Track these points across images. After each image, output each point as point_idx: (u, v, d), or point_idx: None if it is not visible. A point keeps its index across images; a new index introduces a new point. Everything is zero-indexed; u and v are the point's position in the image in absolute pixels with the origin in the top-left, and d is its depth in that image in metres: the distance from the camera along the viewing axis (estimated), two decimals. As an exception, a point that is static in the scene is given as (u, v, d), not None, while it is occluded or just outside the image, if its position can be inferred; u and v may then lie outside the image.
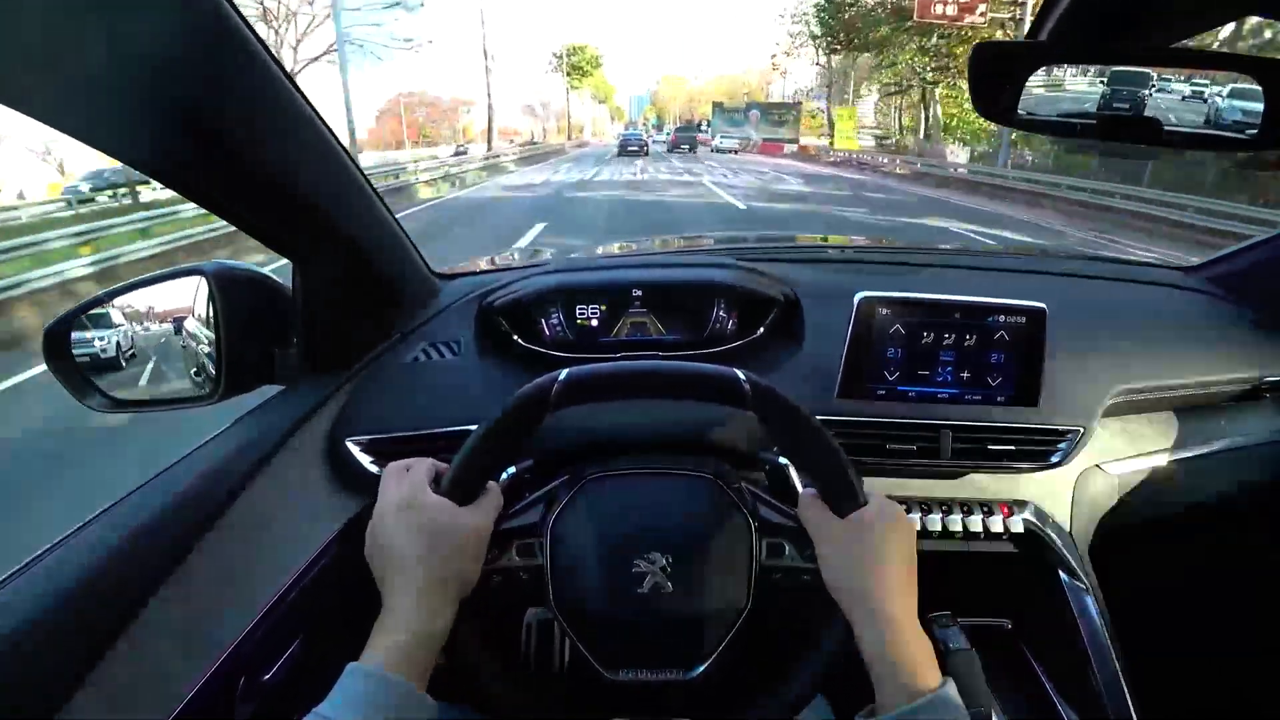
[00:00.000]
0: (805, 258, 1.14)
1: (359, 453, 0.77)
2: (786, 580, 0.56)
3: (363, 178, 0.69)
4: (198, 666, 0.55)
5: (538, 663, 0.72)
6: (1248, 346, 0.97)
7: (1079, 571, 0.84)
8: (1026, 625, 0.94)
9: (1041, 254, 1.54)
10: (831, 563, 0.52)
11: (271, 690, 0.63)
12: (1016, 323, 0.77)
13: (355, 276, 0.76)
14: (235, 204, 0.61)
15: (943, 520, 0.83)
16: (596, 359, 0.58)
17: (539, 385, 0.53)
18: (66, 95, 0.43)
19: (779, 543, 0.56)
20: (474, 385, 0.84)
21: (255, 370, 0.74)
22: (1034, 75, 0.60)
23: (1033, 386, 0.79)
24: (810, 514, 0.54)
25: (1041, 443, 0.81)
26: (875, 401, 0.81)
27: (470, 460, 0.53)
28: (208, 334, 0.72)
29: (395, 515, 0.51)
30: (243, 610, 0.61)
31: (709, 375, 0.54)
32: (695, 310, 0.94)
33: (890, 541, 0.51)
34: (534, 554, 0.55)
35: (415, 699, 0.44)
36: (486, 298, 0.93)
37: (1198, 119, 0.60)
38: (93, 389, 0.71)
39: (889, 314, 0.78)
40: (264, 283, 0.75)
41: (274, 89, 0.52)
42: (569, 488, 0.59)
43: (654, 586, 0.54)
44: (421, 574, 0.49)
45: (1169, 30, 0.60)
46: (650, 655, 0.56)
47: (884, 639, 0.47)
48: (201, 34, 0.45)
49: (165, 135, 0.50)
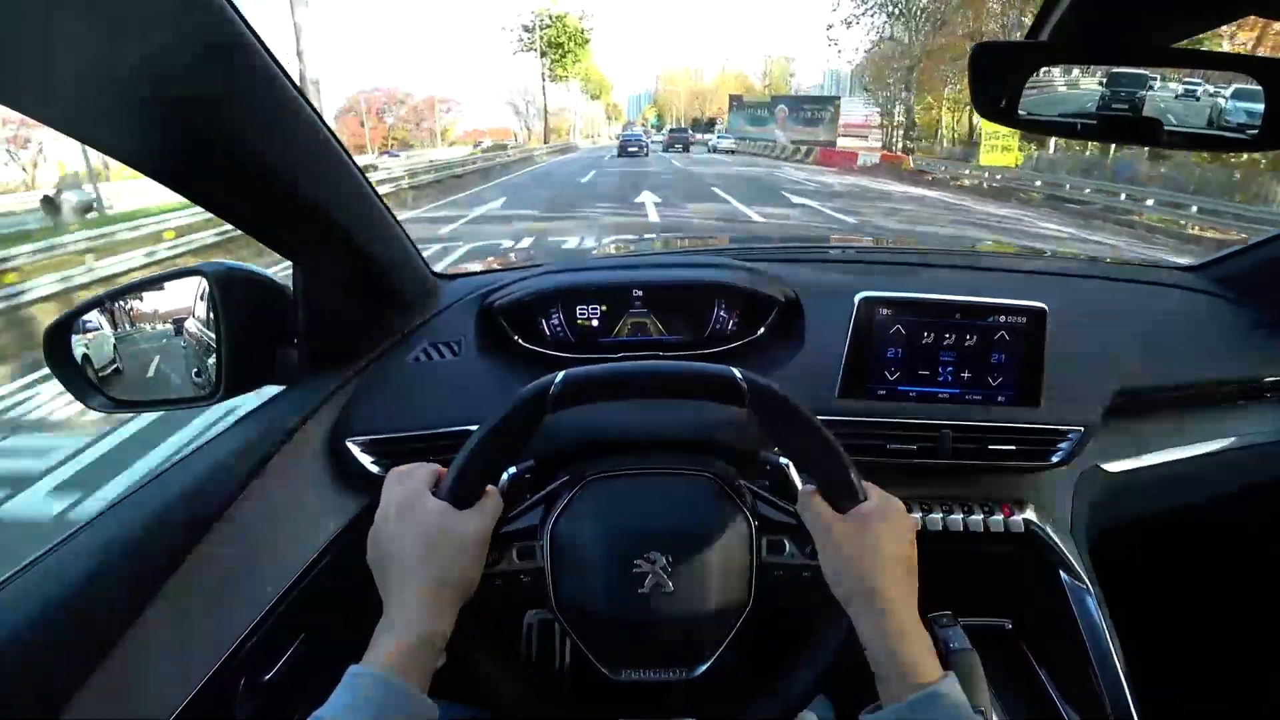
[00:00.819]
0: (805, 257, 1.14)
1: (359, 452, 0.77)
2: (787, 578, 0.56)
3: (363, 179, 0.69)
4: (199, 667, 0.55)
5: (539, 663, 0.72)
6: (1249, 346, 0.97)
7: (1080, 571, 0.84)
8: (1027, 625, 0.94)
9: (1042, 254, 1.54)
10: (832, 559, 0.52)
11: (272, 690, 0.63)
12: (1017, 322, 0.77)
13: (356, 277, 0.76)
14: (236, 205, 0.61)
15: (943, 520, 0.83)
16: (597, 359, 0.58)
17: (537, 387, 0.53)
18: (68, 96, 0.43)
19: (779, 540, 0.57)
20: (474, 385, 0.84)
21: (256, 371, 0.74)
22: (1034, 75, 0.60)
23: (1034, 386, 0.79)
24: (810, 510, 0.54)
25: (1042, 443, 0.81)
26: (876, 401, 0.81)
27: (469, 463, 0.53)
28: (208, 334, 0.72)
29: (396, 519, 0.51)
30: (244, 610, 0.61)
31: (706, 374, 0.54)
32: (696, 310, 0.94)
33: (890, 536, 0.51)
34: (534, 556, 0.55)
35: (416, 702, 0.44)
36: (487, 298, 0.93)
37: (1200, 120, 0.60)
38: (93, 389, 0.71)
39: (889, 314, 0.78)
40: (265, 283, 0.75)
41: (275, 90, 0.52)
42: (569, 489, 0.59)
43: (654, 586, 0.54)
44: (422, 577, 0.49)
45: (1169, 30, 0.60)
46: (652, 655, 0.56)
47: (885, 633, 0.48)
48: (203, 35, 0.45)
49: (167, 136, 0.50)
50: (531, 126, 68.36)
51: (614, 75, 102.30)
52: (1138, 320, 0.98)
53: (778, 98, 40.36)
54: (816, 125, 34.09)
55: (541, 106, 60.85)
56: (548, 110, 61.17)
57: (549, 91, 60.58)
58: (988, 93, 0.61)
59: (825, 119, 33.79)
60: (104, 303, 0.73)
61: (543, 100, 60.60)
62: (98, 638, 0.49)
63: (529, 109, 68.80)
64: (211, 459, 0.65)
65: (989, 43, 0.57)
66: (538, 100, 62.73)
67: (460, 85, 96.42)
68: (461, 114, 70.76)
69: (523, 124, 69.96)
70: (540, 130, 61.72)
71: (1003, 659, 0.89)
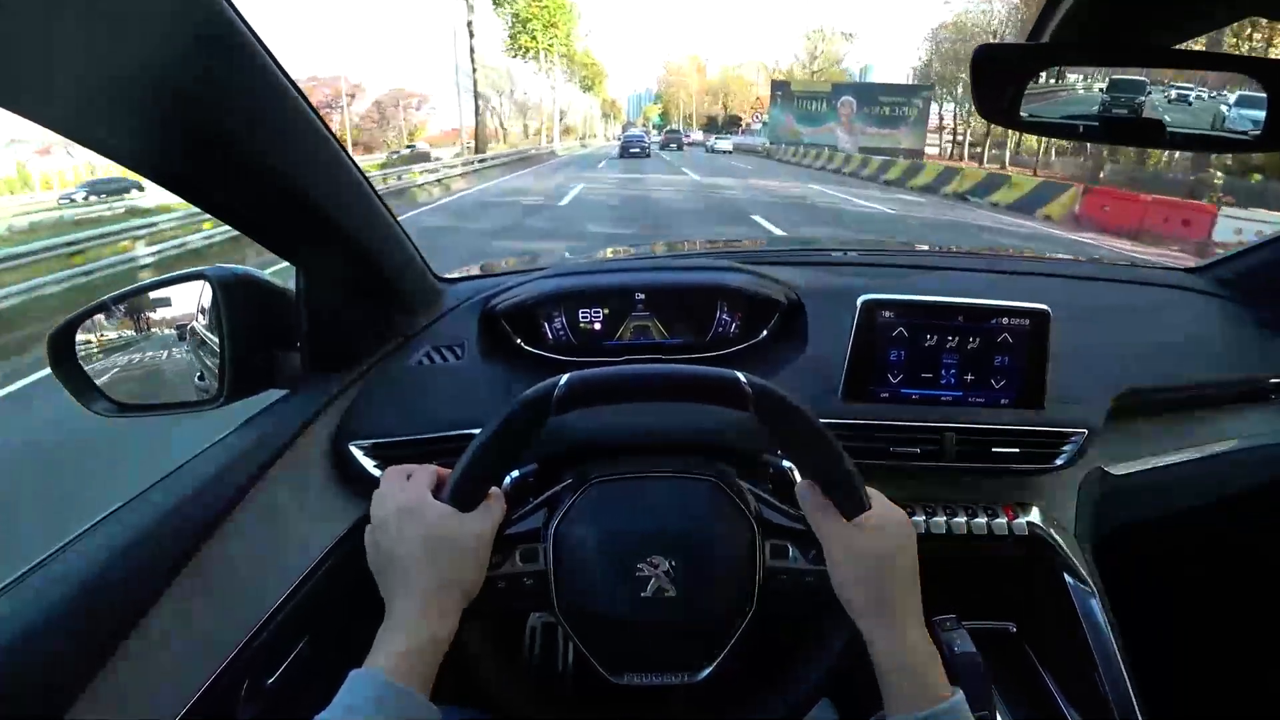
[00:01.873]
0: (808, 260, 1.14)
1: (362, 456, 0.77)
2: (790, 582, 0.56)
3: (365, 181, 0.69)
4: (202, 670, 0.55)
5: (542, 667, 0.72)
6: (1253, 347, 0.96)
7: (1084, 574, 0.84)
8: (1031, 628, 0.94)
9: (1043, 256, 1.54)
10: (840, 569, 0.51)
11: (275, 694, 0.63)
12: (1020, 324, 0.77)
13: (358, 280, 0.77)
14: (238, 208, 0.61)
15: (947, 522, 0.83)
16: (599, 362, 0.58)
17: (540, 390, 0.53)
18: (67, 98, 0.43)
19: (783, 544, 0.56)
20: (477, 389, 0.84)
21: (259, 374, 0.74)
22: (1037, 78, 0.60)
23: (1037, 388, 0.79)
24: (817, 516, 0.53)
25: (1046, 445, 0.81)
26: (879, 404, 0.81)
27: (472, 467, 0.53)
28: (211, 338, 0.72)
29: (398, 522, 0.51)
30: (247, 614, 0.61)
31: (709, 377, 0.54)
32: (698, 313, 0.94)
33: (897, 547, 0.51)
34: (537, 559, 0.55)
35: (419, 705, 0.44)
36: (489, 301, 0.93)
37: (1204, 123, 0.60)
38: (97, 393, 0.71)
39: (892, 316, 0.78)
40: (267, 287, 0.75)
41: (277, 92, 0.53)
42: (572, 492, 0.59)
43: (657, 590, 0.54)
44: (424, 581, 0.49)
45: (1170, 31, 0.60)
46: (654, 659, 0.56)
47: (895, 648, 0.47)
48: (203, 36, 0.45)
49: (168, 139, 0.50)
50: (507, 125, 53.02)
51: (613, 74, 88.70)
52: (1140, 322, 0.98)
53: (841, 86, 27.39)
54: (896, 125, 23.88)
55: (532, 105, 46.81)
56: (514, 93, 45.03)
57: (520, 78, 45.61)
58: (990, 95, 0.61)
59: (910, 118, 23.50)
60: (108, 307, 0.73)
61: (538, 98, 45.50)
62: (101, 640, 0.49)
63: (503, 101, 52.32)
64: (214, 463, 0.65)
65: (991, 44, 0.58)
66: (530, 95, 47.93)
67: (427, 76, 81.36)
68: (434, 111, 59.54)
69: (495, 120, 51.99)
70: (534, 127, 46.49)
71: (1007, 662, 0.89)
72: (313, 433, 0.75)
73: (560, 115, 52.38)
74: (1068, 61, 0.62)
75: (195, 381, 0.76)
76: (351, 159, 0.66)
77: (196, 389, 0.76)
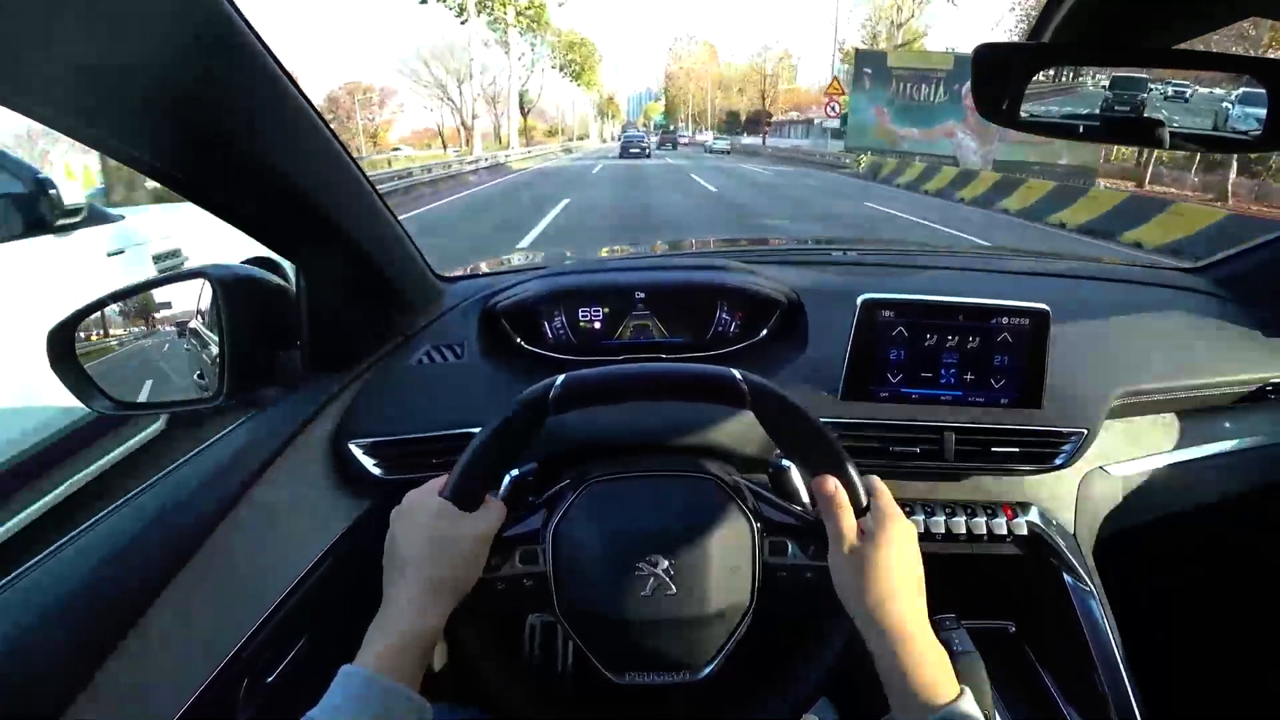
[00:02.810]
0: (808, 259, 1.13)
1: (362, 455, 0.77)
2: (790, 579, 0.56)
3: (365, 181, 0.69)
4: (201, 668, 0.55)
5: (542, 666, 0.72)
6: (1252, 347, 0.96)
7: (1083, 574, 0.84)
8: (1031, 628, 0.94)
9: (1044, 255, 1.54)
10: (844, 570, 0.50)
11: (274, 692, 0.63)
12: (1020, 324, 0.77)
13: (358, 279, 0.77)
14: (238, 206, 0.61)
15: (946, 522, 0.83)
16: (599, 362, 0.58)
17: (538, 390, 0.53)
18: (67, 97, 0.43)
19: (782, 542, 0.56)
20: (477, 388, 0.84)
21: (259, 373, 0.74)
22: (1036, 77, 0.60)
23: (1036, 388, 0.79)
24: (831, 512, 0.51)
25: (1045, 445, 0.81)
26: (878, 404, 0.80)
27: (471, 465, 0.53)
28: (211, 336, 0.72)
29: (401, 520, 0.52)
30: (246, 612, 0.61)
31: (706, 376, 0.54)
32: (698, 313, 0.94)
33: (900, 548, 0.50)
34: (537, 560, 0.55)
35: (404, 699, 0.44)
36: (490, 300, 0.93)
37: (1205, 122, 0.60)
38: (97, 391, 0.71)
39: (892, 316, 0.78)
40: (267, 285, 0.75)
41: (277, 92, 0.53)
42: (571, 492, 0.59)
43: (657, 589, 0.54)
44: (417, 576, 0.49)
45: (1171, 31, 0.60)
46: (654, 658, 0.56)
47: (900, 650, 0.46)
48: (204, 35, 0.45)
49: (168, 137, 0.50)
50: (469, 123, 38.21)
51: (612, 73, 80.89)
52: (1139, 321, 0.98)
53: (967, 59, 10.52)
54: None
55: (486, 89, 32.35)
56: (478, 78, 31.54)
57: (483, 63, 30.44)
58: (990, 94, 0.61)
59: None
60: (108, 304, 0.73)
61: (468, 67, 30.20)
62: (100, 639, 0.49)
63: (463, 93, 37.64)
64: (214, 461, 0.65)
65: (991, 44, 0.57)
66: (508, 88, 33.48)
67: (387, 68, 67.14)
68: (401, 108, 52.97)
69: (455, 117, 38.91)
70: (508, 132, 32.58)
71: (1006, 661, 0.89)
72: (312, 432, 0.75)
73: (527, 107, 38.24)
74: (1068, 61, 0.62)
75: (195, 380, 0.76)
76: (352, 158, 0.66)
77: (196, 387, 0.76)
